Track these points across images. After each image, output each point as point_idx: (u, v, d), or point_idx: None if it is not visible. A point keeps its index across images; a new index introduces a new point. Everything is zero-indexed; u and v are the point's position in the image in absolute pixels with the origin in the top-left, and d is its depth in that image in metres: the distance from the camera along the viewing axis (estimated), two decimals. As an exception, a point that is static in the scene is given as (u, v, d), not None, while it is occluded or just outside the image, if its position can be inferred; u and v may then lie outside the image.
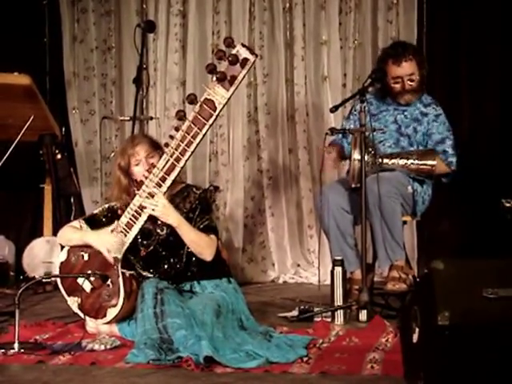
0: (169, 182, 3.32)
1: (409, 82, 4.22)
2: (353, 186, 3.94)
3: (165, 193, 3.33)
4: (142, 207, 3.36)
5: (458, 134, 4.32)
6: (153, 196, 3.33)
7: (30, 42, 5.47)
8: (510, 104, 4.95)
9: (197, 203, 3.48)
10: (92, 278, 3.40)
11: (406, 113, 4.29)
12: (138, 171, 3.48)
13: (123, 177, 3.53)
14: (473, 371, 2.25)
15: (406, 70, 4.20)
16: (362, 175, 3.82)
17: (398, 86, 4.23)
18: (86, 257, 3.49)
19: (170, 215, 3.36)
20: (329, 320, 3.71)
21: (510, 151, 4.86)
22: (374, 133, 3.96)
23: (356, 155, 3.88)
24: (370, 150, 4.00)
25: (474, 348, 2.24)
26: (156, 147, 3.52)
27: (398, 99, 4.27)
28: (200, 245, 3.43)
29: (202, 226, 3.46)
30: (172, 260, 3.49)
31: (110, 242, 3.41)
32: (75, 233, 3.55)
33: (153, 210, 3.33)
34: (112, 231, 3.42)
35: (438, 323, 2.23)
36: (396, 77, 4.21)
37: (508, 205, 3.57)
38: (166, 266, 3.49)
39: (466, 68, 5.09)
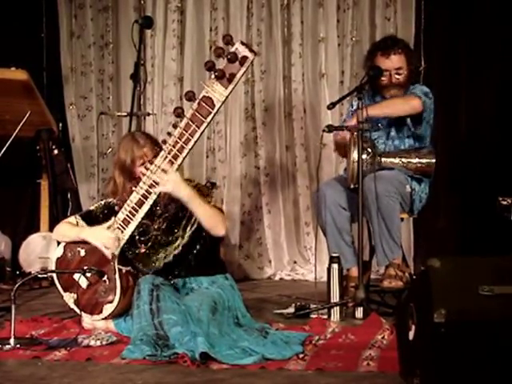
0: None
1: (396, 75, 4.21)
2: (352, 186, 3.93)
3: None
4: (148, 191, 3.32)
5: (456, 132, 4.32)
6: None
7: (28, 38, 5.46)
8: (508, 102, 4.94)
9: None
10: (88, 274, 3.39)
11: None
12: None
13: (122, 174, 3.50)
14: (469, 368, 2.25)
15: (394, 63, 4.19)
16: (359, 174, 3.82)
17: (385, 79, 4.22)
18: (82, 253, 3.48)
19: (181, 189, 3.32)
20: (325, 317, 3.71)
21: (507, 149, 4.87)
22: (370, 130, 3.95)
23: (355, 155, 3.87)
24: (369, 149, 4.00)
25: (470, 345, 2.24)
26: (158, 146, 3.48)
27: (384, 93, 4.26)
28: (213, 218, 3.38)
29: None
30: (169, 255, 3.48)
31: (106, 238, 3.40)
32: (71, 229, 3.54)
33: (164, 185, 3.29)
34: (109, 227, 3.41)
35: (434, 320, 2.23)
36: (384, 69, 4.19)
37: (504, 203, 3.57)
38: (163, 261, 3.48)
39: (465, 65, 5.08)
